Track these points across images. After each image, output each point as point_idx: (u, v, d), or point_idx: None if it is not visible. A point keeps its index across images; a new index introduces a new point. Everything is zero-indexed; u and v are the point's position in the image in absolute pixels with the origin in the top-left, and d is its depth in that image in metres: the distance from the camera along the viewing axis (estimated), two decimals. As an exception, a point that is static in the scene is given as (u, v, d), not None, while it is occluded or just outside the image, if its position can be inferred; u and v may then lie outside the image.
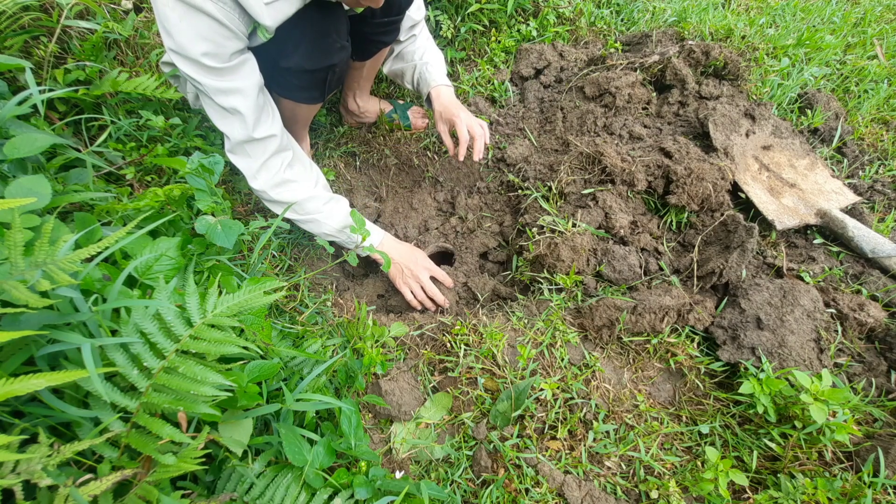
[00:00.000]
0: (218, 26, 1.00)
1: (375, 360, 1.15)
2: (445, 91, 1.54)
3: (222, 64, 1.06)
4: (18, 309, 0.65)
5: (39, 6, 1.47)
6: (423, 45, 1.59)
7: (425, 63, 1.56)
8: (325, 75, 1.23)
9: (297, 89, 1.27)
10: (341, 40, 1.19)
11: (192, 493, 0.83)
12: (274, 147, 1.23)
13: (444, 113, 1.50)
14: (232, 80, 1.09)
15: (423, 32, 1.60)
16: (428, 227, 1.74)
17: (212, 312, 0.82)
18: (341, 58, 1.22)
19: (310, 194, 1.31)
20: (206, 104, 1.15)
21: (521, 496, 1.02)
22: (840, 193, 1.53)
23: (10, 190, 0.88)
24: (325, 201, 1.34)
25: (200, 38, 1.00)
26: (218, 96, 1.10)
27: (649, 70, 1.73)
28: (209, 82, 1.07)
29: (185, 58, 1.03)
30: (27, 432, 0.69)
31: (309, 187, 1.31)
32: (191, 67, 1.05)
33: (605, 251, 1.33)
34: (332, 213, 1.34)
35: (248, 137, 1.17)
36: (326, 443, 0.97)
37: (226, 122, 1.16)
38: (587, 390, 1.15)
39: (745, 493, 1.05)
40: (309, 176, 1.33)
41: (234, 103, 1.11)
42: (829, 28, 2.22)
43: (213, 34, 1.01)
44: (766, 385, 1.07)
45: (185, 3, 0.97)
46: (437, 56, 1.60)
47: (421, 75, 1.56)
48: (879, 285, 1.33)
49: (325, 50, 1.15)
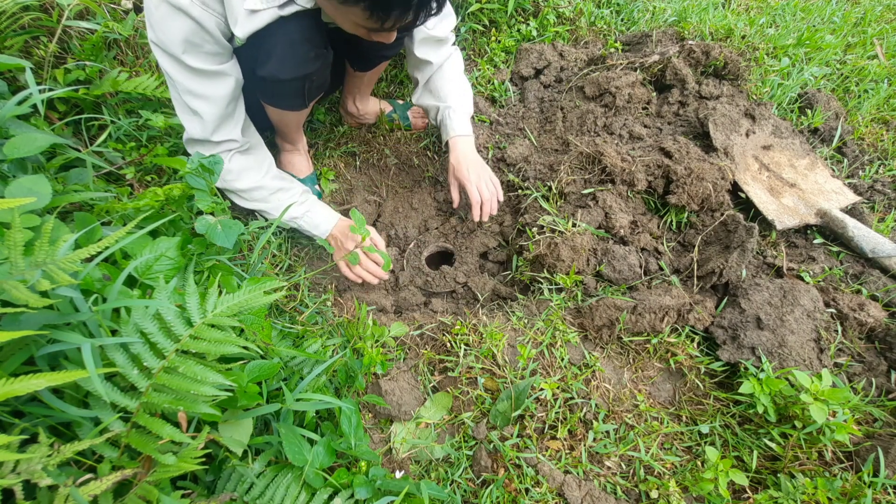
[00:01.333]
0: (200, 30, 1.03)
1: (375, 359, 1.15)
2: (462, 144, 1.52)
3: (199, 65, 1.08)
4: (18, 309, 0.65)
5: (39, 6, 1.47)
6: (450, 81, 1.54)
7: (448, 107, 1.53)
8: (302, 84, 1.21)
9: (275, 97, 1.28)
10: (317, 49, 1.16)
11: (192, 493, 0.83)
12: (229, 148, 1.27)
13: (455, 170, 1.51)
14: (204, 85, 1.12)
15: (453, 61, 1.55)
16: (428, 227, 1.74)
17: (212, 312, 0.82)
18: (317, 66, 1.20)
19: (257, 184, 1.33)
20: (173, 97, 1.17)
21: (521, 496, 1.02)
22: (840, 193, 1.53)
23: (10, 190, 0.88)
24: (271, 191, 1.36)
25: (181, 39, 1.03)
26: (186, 95, 1.13)
27: (649, 70, 1.73)
28: (182, 80, 1.10)
29: (165, 53, 1.06)
30: (27, 432, 0.69)
31: (255, 177, 1.33)
32: (168, 63, 1.08)
33: (605, 251, 1.33)
34: (280, 204, 1.35)
35: (204, 138, 1.21)
36: (326, 443, 0.97)
37: (186, 118, 1.19)
38: (587, 390, 1.15)
39: (745, 493, 1.05)
40: (254, 165, 1.34)
41: (199, 107, 1.15)
42: (829, 28, 2.22)
43: (194, 37, 1.03)
44: (766, 385, 1.07)
45: (170, 4, 0.99)
46: (461, 97, 1.56)
47: (443, 121, 1.55)
48: (879, 285, 1.33)
49: (297, 59, 1.14)
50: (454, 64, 1.56)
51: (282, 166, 1.66)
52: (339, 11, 0.98)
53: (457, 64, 1.57)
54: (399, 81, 1.96)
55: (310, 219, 1.41)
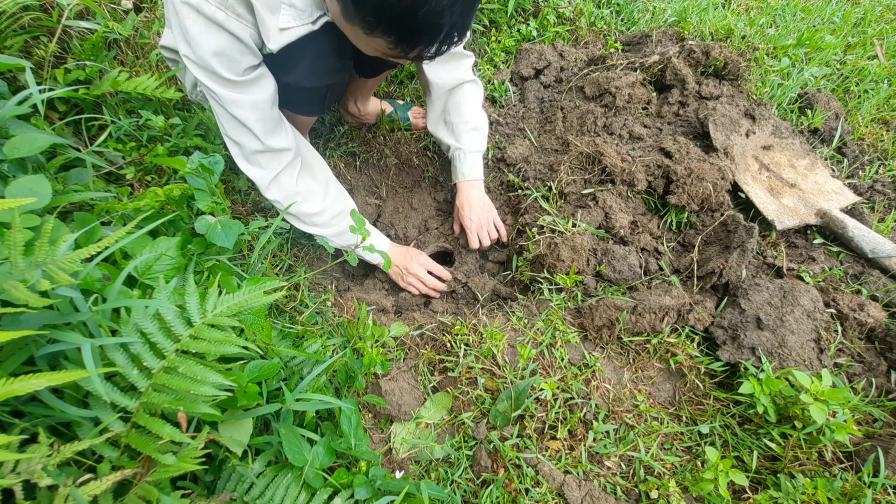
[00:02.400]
0: (237, 42, 1.01)
1: (375, 360, 1.15)
2: (468, 189, 1.56)
3: (238, 77, 1.06)
4: (18, 309, 0.65)
5: (39, 6, 1.47)
6: (465, 118, 1.51)
7: (459, 149, 1.54)
8: (324, 92, 1.23)
9: (296, 103, 1.28)
10: (342, 60, 1.17)
11: (192, 493, 0.83)
12: (287, 159, 1.25)
13: (459, 214, 1.58)
14: (247, 92, 1.10)
15: (472, 93, 1.52)
16: (428, 227, 1.74)
17: (212, 312, 0.82)
18: (341, 77, 1.22)
19: (320, 208, 1.33)
20: (219, 113, 1.15)
21: (521, 496, 1.02)
22: (840, 193, 1.53)
23: (10, 190, 0.88)
24: (333, 215, 1.36)
25: (219, 53, 1.01)
26: (232, 107, 1.10)
27: (649, 70, 1.73)
28: (223, 92, 1.08)
29: (203, 69, 1.05)
30: (27, 432, 0.69)
31: (319, 201, 1.34)
32: (207, 77, 1.06)
33: (605, 251, 1.33)
34: (340, 231, 1.38)
35: (262, 147, 1.18)
36: (326, 443, 0.97)
37: (239, 132, 1.16)
38: (587, 390, 1.15)
39: (745, 493, 1.05)
40: (318, 188, 1.35)
41: (247, 116, 1.12)
42: (829, 28, 2.22)
43: (231, 50, 1.02)
44: (766, 385, 1.07)
45: (206, 18, 0.97)
46: (475, 137, 1.55)
47: (453, 162, 1.58)
48: (879, 285, 1.33)
49: (324, 70, 1.15)
50: (473, 96, 1.53)
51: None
52: (361, 39, 0.96)
53: (475, 96, 1.54)
54: (399, 81, 1.96)
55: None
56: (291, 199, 1.28)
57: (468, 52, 1.49)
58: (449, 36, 0.92)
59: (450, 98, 1.50)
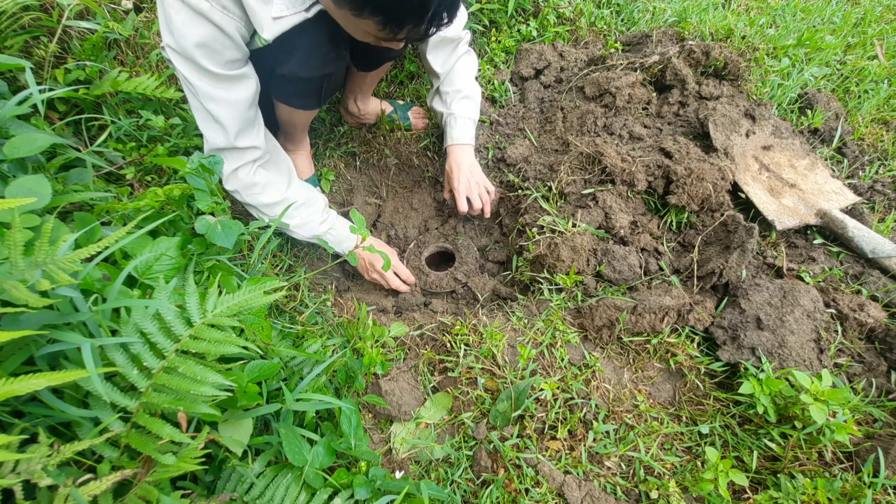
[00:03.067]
0: (220, 35, 1.02)
1: (375, 360, 1.15)
2: (457, 152, 1.57)
3: (221, 70, 1.06)
4: (18, 309, 0.65)
5: (39, 6, 1.47)
6: (457, 87, 1.55)
7: (451, 114, 1.56)
8: (321, 83, 1.23)
9: (292, 95, 1.28)
10: (337, 49, 1.18)
11: (192, 493, 0.83)
12: (250, 157, 1.25)
13: (448, 178, 1.58)
14: (225, 89, 1.10)
15: (464, 65, 1.56)
16: (428, 228, 1.74)
17: (212, 312, 0.82)
18: (337, 67, 1.22)
19: (280, 197, 1.31)
20: (193, 105, 1.16)
21: (521, 496, 1.02)
22: (840, 194, 1.53)
23: (10, 190, 0.88)
24: (298, 206, 1.35)
25: (201, 44, 1.01)
26: (208, 102, 1.11)
27: (649, 70, 1.73)
28: (202, 86, 1.08)
29: (184, 58, 1.04)
30: (27, 432, 0.69)
31: (279, 191, 1.32)
32: (188, 69, 1.06)
33: (605, 251, 1.33)
34: (302, 222, 1.36)
35: (228, 145, 1.19)
36: (326, 443, 0.97)
37: (208, 127, 1.17)
38: (587, 390, 1.15)
39: (745, 494, 1.05)
40: (280, 180, 1.33)
41: (221, 113, 1.13)
42: (829, 28, 2.22)
43: (214, 42, 1.02)
44: (766, 385, 1.07)
45: (191, 9, 0.97)
46: (466, 104, 1.58)
47: (444, 128, 1.59)
48: (879, 285, 1.33)
49: (320, 59, 1.15)
50: (466, 67, 1.56)
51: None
52: (351, 22, 0.97)
53: (468, 67, 1.57)
54: (399, 81, 1.96)
55: (332, 236, 1.41)
56: (249, 189, 1.28)
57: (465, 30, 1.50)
58: (437, 15, 0.93)
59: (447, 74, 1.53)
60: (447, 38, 1.45)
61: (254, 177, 1.27)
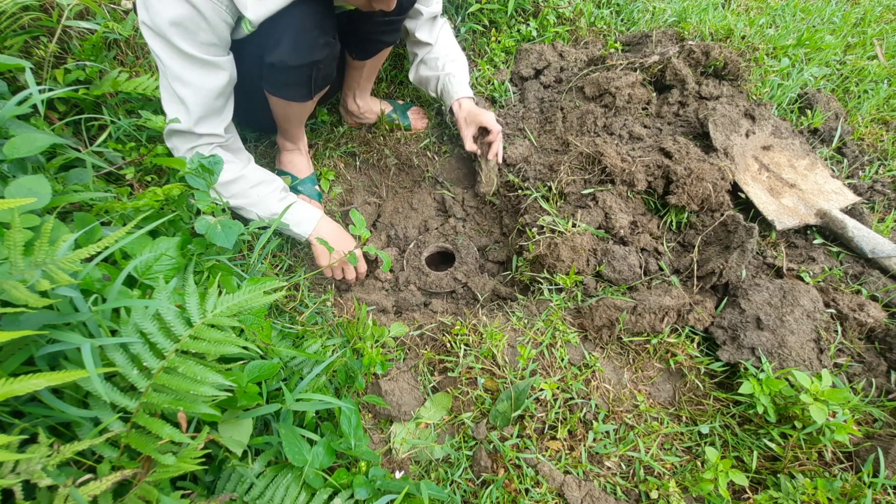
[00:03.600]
0: (197, 15, 1.02)
1: (375, 360, 1.15)
2: (466, 102, 1.59)
3: (192, 51, 1.07)
4: (18, 309, 0.65)
5: (39, 6, 1.47)
6: (446, 52, 1.61)
7: (448, 74, 1.59)
8: (310, 72, 1.22)
9: (282, 86, 1.27)
10: (326, 37, 1.18)
11: (192, 493, 0.83)
12: (205, 141, 1.24)
13: (469, 118, 1.57)
14: (195, 73, 1.11)
15: (445, 33, 1.63)
16: (428, 227, 1.74)
17: (212, 312, 0.82)
18: (325, 54, 1.21)
19: (236, 175, 1.28)
20: (161, 84, 1.17)
21: (521, 496, 1.02)
22: (840, 193, 1.53)
23: (10, 190, 0.88)
24: (252, 184, 1.30)
25: (175, 22, 1.02)
26: (174, 82, 1.12)
27: (649, 70, 1.73)
28: (172, 65, 1.09)
29: (156, 35, 1.05)
30: (27, 432, 0.69)
31: (235, 170, 1.28)
32: (159, 46, 1.07)
33: (605, 251, 1.33)
34: (259, 199, 1.30)
35: (187, 129, 1.19)
36: (326, 443, 0.97)
37: (171, 106, 1.18)
38: (587, 390, 1.15)
39: (745, 493, 1.05)
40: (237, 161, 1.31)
41: (186, 95, 1.13)
42: (829, 28, 2.22)
43: (188, 22, 1.03)
44: (766, 385, 1.07)
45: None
46: (460, 65, 1.63)
47: (444, 88, 1.61)
48: (879, 285, 1.33)
49: (307, 46, 1.15)
50: (446, 34, 1.63)
51: (282, 166, 1.66)
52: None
53: (448, 34, 1.64)
54: (399, 81, 1.96)
55: (292, 216, 1.34)
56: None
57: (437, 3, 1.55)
58: None
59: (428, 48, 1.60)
60: (431, 16, 1.54)
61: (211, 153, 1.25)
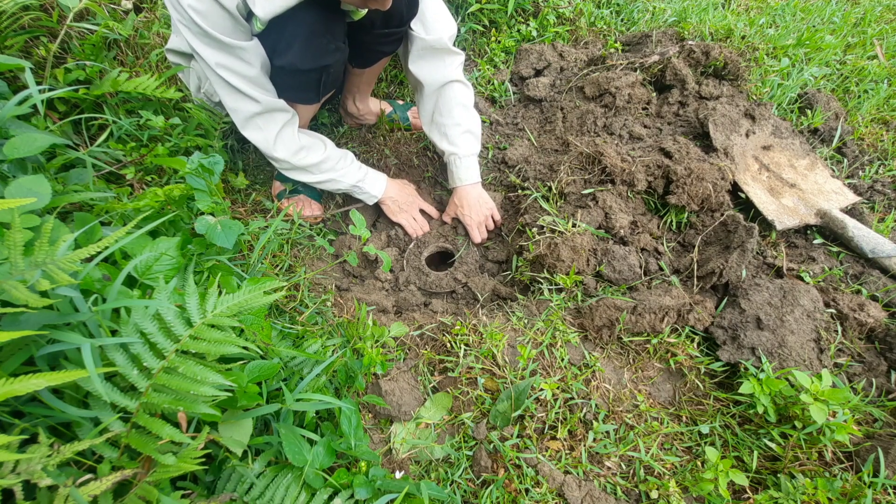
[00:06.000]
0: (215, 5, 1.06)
1: (375, 360, 1.15)
2: (465, 191, 1.59)
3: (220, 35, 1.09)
4: (18, 309, 0.65)
5: (39, 6, 1.47)
6: (457, 121, 1.50)
7: (454, 154, 1.54)
8: (319, 76, 1.24)
9: (291, 89, 1.28)
10: (336, 42, 1.19)
11: (192, 493, 0.83)
12: (285, 118, 1.30)
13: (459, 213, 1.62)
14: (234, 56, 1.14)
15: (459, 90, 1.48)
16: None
17: (212, 312, 0.82)
18: (336, 59, 1.22)
19: (324, 155, 1.41)
20: (214, 82, 1.20)
21: (521, 496, 1.02)
22: (840, 193, 1.53)
23: (10, 190, 0.88)
24: (337, 160, 1.45)
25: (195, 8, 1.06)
26: (220, 70, 1.15)
27: (649, 70, 1.73)
28: (211, 55, 1.13)
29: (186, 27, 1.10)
30: (27, 432, 0.69)
31: (321, 150, 1.41)
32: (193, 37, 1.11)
33: (605, 251, 1.33)
34: (346, 171, 1.48)
35: (260, 109, 1.24)
36: (326, 443, 0.97)
37: (234, 98, 1.22)
38: (587, 390, 1.15)
39: (745, 493, 1.05)
40: (317, 139, 1.43)
41: (236, 80, 1.17)
42: (829, 28, 2.22)
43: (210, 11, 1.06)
44: (766, 385, 1.07)
45: None
46: (469, 139, 1.54)
47: (449, 167, 1.60)
48: (879, 285, 1.33)
49: (318, 50, 1.16)
50: (462, 98, 1.50)
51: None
52: None
53: (465, 98, 1.51)
54: (399, 81, 1.96)
55: (370, 181, 1.53)
56: (298, 153, 1.35)
57: (457, 49, 1.45)
58: None
59: (439, 98, 1.48)
60: (430, 47, 1.39)
61: (299, 140, 1.35)
